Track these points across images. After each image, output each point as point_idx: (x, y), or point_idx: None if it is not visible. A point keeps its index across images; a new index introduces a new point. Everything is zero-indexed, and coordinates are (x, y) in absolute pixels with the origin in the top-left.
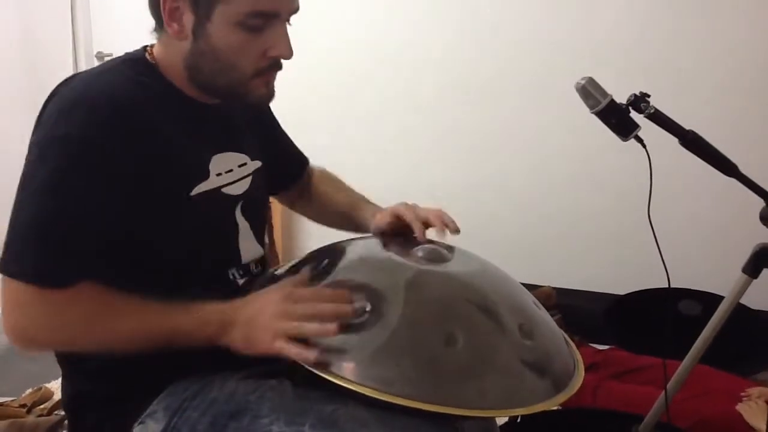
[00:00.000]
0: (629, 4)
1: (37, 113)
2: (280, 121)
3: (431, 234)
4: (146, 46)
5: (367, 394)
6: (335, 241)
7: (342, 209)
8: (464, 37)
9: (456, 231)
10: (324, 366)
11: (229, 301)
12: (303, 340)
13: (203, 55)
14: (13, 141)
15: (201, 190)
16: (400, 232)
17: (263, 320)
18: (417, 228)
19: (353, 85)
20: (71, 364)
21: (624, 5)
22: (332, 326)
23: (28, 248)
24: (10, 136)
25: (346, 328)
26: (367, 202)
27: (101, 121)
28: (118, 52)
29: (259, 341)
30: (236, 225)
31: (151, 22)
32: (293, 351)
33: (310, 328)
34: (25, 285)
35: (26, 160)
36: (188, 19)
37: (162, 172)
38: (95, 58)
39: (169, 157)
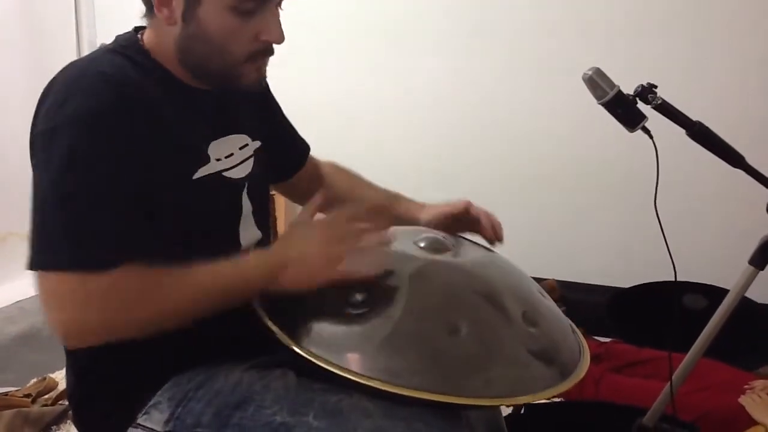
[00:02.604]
0: None
1: None
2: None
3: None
4: (137, 29)
5: (372, 385)
6: None
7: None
8: (467, 27)
9: (500, 240)
10: (330, 356)
11: (270, 248)
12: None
13: (194, 39)
14: (17, 133)
15: (203, 174)
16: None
17: (314, 250)
18: (487, 227)
19: (355, 75)
20: (76, 355)
21: None
22: (386, 235)
23: (61, 235)
24: (13, 128)
25: (350, 319)
26: (404, 197)
27: (102, 99)
28: None
29: (317, 271)
30: (240, 209)
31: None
32: (352, 273)
33: (368, 238)
34: (67, 275)
35: (35, 151)
36: (178, 3)
37: (163, 153)
38: None
39: (169, 139)
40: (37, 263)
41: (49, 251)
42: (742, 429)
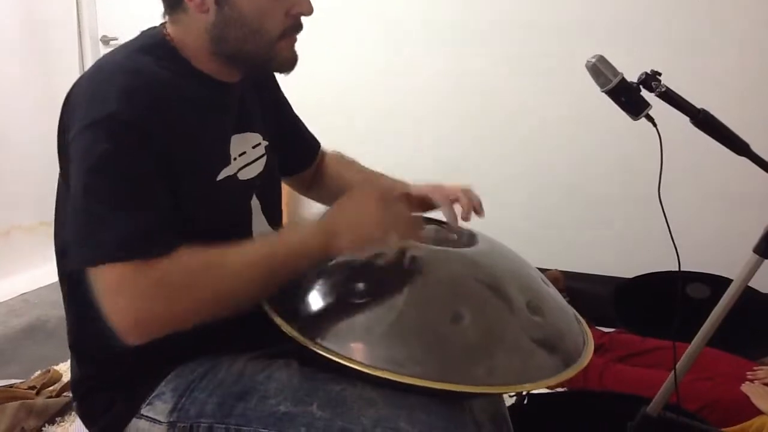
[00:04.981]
0: None
1: (42, 98)
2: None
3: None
4: (162, 24)
5: (375, 374)
6: None
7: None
8: (470, 19)
9: (481, 214)
10: (334, 346)
11: (320, 218)
12: None
13: (229, 24)
14: (19, 128)
15: (225, 176)
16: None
17: (368, 217)
18: (448, 213)
19: (362, 76)
20: (80, 347)
21: None
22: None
23: (110, 228)
24: (15, 123)
25: (353, 309)
26: (384, 176)
27: (137, 101)
28: (124, 36)
29: (370, 236)
30: (251, 207)
31: (157, 5)
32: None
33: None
34: (124, 266)
35: (72, 149)
36: None
37: (192, 153)
38: (100, 42)
39: (196, 141)
40: (89, 259)
41: (100, 245)
42: (747, 418)
